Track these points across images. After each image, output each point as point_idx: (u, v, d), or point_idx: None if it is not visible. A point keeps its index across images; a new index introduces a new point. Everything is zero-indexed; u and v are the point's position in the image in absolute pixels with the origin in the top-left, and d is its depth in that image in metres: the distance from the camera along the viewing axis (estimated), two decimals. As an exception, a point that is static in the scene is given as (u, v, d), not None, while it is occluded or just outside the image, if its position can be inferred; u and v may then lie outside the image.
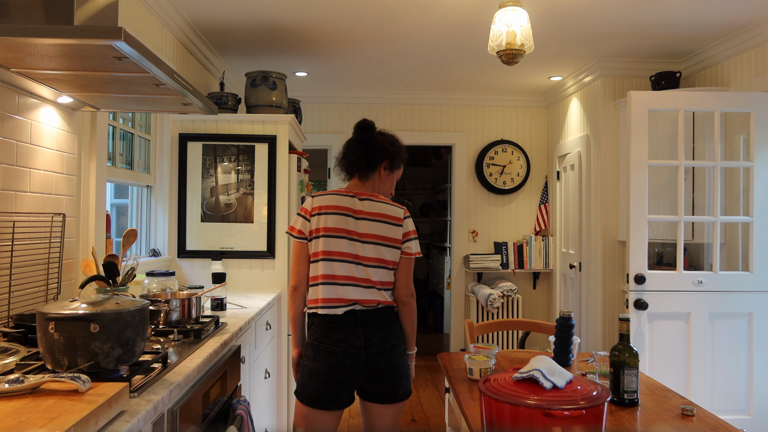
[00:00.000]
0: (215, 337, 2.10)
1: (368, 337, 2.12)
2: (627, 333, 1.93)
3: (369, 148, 2.30)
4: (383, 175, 2.34)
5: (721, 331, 3.48)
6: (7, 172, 1.89)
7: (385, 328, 2.16)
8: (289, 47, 4.04)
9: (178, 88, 1.89)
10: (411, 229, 2.25)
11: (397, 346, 2.18)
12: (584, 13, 3.40)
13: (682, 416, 1.81)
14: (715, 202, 3.50)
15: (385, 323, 2.17)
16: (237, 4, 3.26)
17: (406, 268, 2.23)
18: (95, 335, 1.35)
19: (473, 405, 1.89)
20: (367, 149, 2.30)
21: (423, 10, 3.36)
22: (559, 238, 5.31)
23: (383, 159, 2.31)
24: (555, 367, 1.59)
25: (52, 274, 2.11)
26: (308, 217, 2.21)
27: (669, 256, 4.11)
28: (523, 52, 2.88)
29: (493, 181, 5.58)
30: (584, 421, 1.42)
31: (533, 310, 5.63)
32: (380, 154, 2.30)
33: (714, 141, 3.51)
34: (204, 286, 3.13)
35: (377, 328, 2.14)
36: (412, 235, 2.24)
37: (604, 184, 4.43)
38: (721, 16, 3.40)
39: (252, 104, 3.74)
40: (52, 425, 1.02)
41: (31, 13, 1.60)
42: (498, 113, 5.69)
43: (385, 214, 2.22)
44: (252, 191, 3.56)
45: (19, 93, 1.94)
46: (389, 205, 2.25)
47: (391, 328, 2.18)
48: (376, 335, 2.13)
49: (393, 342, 2.17)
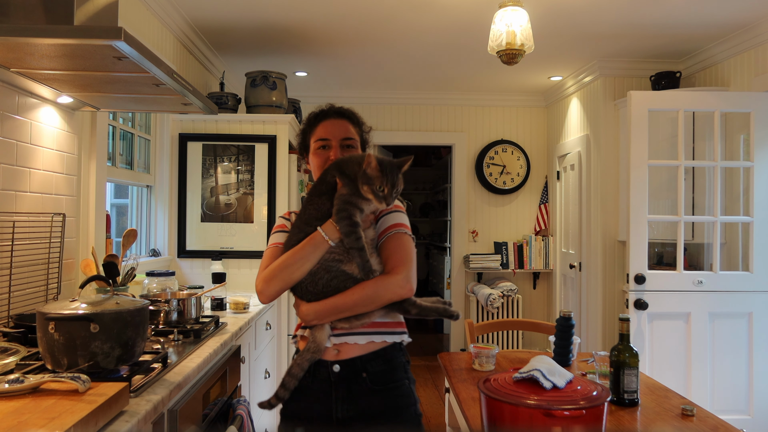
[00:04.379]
0: (215, 337, 2.10)
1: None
2: (627, 333, 1.93)
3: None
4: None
5: (721, 331, 3.48)
6: (7, 172, 1.89)
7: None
8: (289, 47, 4.04)
9: (178, 88, 1.89)
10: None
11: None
12: (584, 13, 3.40)
13: (682, 416, 1.81)
14: (715, 202, 3.50)
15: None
16: (237, 4, 3.26)
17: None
18: (95, 335, 1.35)
19: (473, 405, 1.89)
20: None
21: (423, 10, 3.36)
22: (559, 238, 5.31)
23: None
24: (555, 367, 1.59)
25: (52, 274, 2.11)
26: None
27: (669, 256, 4.11)
28: (523, 52, 2.88)
29: (493, 181, 5.57)
30: (584, 421, 1.42)
31: (533, 310, 5.63)
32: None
33: (714, 141, 3.51)
34: (204, 286, 3.13)
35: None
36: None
37: (604, 184, 4.43)
38: (721, 16, 3.40)
39: (252, 104, 3.74)
40: (52, 425, 1.02)
41: (31, 13, 1.60)
42: (498, 113, 5.68)
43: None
44: (252, 191, 3.56)
45: (19, 93, 1.94)
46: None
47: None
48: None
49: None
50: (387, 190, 1.53)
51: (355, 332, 1.59)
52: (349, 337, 1.58)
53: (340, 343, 1.59)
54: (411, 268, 1.58)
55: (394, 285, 1.53)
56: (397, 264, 1.56)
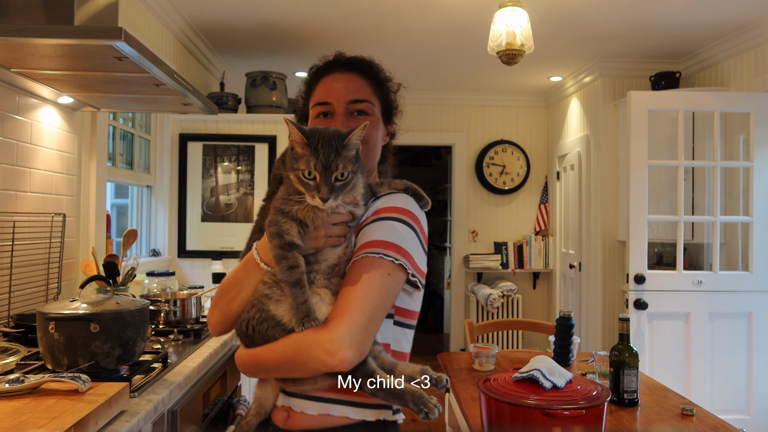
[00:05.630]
0: (215, 336, 2.10)
1: None
2: (627, 333, 1.93)
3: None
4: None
5: (720, 331, 3.48)
6: (8, 172, 1.89)
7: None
8: (289, 47, 4.04)
9: (178, 88, 1.90)
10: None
11: None
12: (584, 14, 3.40)
13: (682, 416, 1.81)
14: (714, 202, 3.50)
15: None
16: (237, 4, 3.26)
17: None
18: (95, 335, 1.35)
19: (473, 405, 1.90)
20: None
21: (423, 10, 3.36)
22: (559, 238, 5.31)
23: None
24: (555, 367, 1.59)
25: (52, 274, 2.11)
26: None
27: (669, 256, 4.11)
28: (523, 52, 2.88)
29: (493, 181, 5.57)
30: (584, 421, 1.42)
31: (533, 310, 5.63)
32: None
33: (714, 141, 3.51)
34: (204, 286, 3.13)
35: None
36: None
37: (604, 184, 4.43)
38: (721, 16, 3.40)
39: (252, 104, 3.74)
40: (52, 425, 1.02)
41: (31, 13, 1.60)
42: (498, 113, 5.68)
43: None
44: (252, 191, 3.56)
45: (19, 93, 1.94)
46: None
47: None
48: None
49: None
50: (319, 176, 0.98)
51: (306, 395, 1.09)
52: (298, 401, 1.10)
53: (287, 405, 1.11)
54: (355, 322, 0.97)
55: (318, 349, 0.97)
56: (335, 313, 1.00)
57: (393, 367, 1.05)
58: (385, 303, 1.02)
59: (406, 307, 1.14)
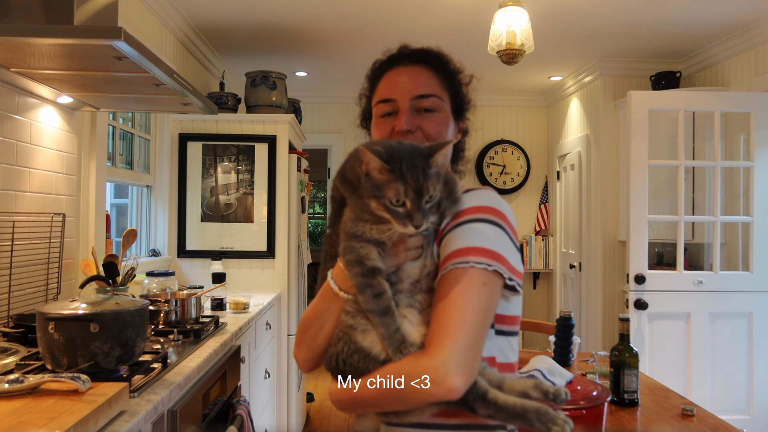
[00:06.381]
0: (215, 337, 2.10)
1: None
2: (627, 333, 1.93)
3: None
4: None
5: (721, 331, 3.48)
6: (7, 172, 1.89)
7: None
8: (289, 47, 4.04)
9: (178, 88, 1.89)
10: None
11: None
12: (584, 13, 3.40)
13: (682, 416, 1.81)
14: (715, 202, 3.50)
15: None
16: (237, 4, 3.26)
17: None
18: (95, 335, 1.35)
19: (473, 405, 1.89)
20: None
21: (423, 10, 3.35)
22: (559, 238, 5.31)
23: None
24: (555, 367, 1.59)
25: (52, 274, 2.11)
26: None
27: (669, 256, 4.11)
28: (523, 52, 2.88)
29: (493, 180, 5.57)
30: (584, 421, 1.42)
31: (533, 310, 5.63)
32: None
33: (714, 141, 3.51)
34: (204, 286, 3.13)
35: None
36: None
37: (604, 184, 4.43)
38: (721, 16, 3.40)
39: (252, 104, 3.74)
40: (52, 425, 1.02)
41: (31, 13, 1.60)
42: (498, 113, 5.68)
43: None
44: (252, 191, 3.56)
45: (19, 93, 1.94)
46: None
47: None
48: None
49: None
50: (410, 202, 0.89)
51: (409, 423, 0.97)
52: (404, 430, 0.99)
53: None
54: (457, 344, 0.87)
55: (421, 379, 0.87)
56: (433, 337, 0.89)
57: (501, 384, 0.94)
58: (486, 317, 0.91)
59: (506, 313, 1.02)
